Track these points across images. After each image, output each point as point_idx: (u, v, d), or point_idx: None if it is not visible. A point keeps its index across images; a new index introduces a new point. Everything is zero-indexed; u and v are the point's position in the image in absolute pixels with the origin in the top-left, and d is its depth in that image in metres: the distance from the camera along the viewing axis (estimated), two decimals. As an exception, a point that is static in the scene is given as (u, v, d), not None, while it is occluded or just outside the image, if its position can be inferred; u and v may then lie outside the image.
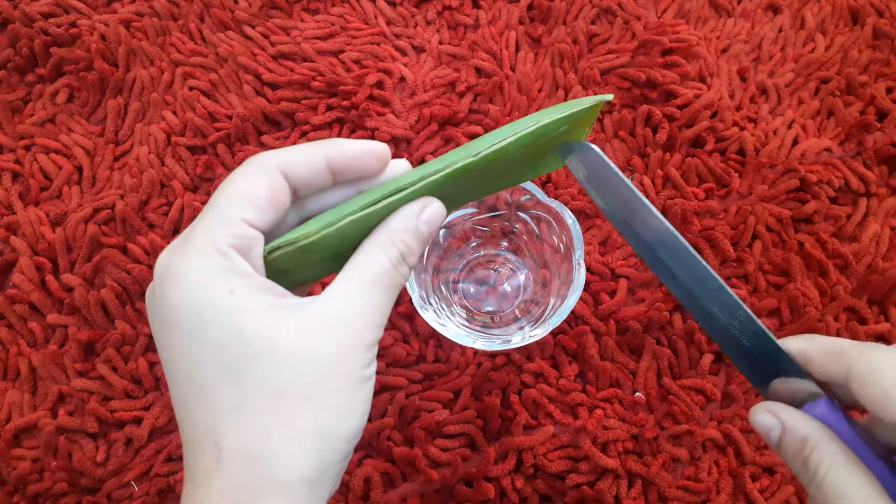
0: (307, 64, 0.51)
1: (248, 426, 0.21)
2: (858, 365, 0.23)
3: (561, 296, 0.38)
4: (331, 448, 0.21)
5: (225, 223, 0.22)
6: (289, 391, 0.21)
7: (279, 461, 0.20)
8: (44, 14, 0.53)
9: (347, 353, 0.22)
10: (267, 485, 0.20)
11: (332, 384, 0.21)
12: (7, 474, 0.39)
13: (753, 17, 0.56)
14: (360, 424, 0.22)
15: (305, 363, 0.21)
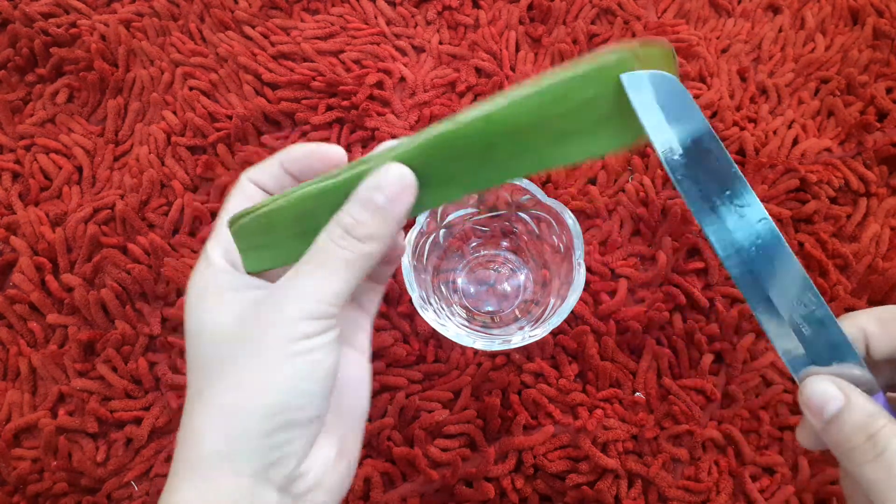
0: (307, 64, 0.51)
1: (187, 403, 0.23)
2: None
3: (561, 296, 0.38)
4: (239, 421, 0.21)
5: (217, 235, 0.25)
6: (203, 366, 0.23)
7: (194, 435, 0.22)
8: (44, 14, 0.53)
9: (267, 329, 0.22)
10: (192, 457, 0.22)
11: (243, 361, 0.22)
12: (7, 474, 0.39)
13: (753, 17, 0.56)
14: (284, 400, 0.22)
15: (211, 336, 0.23)
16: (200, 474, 0.22)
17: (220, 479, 0.21)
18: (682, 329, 0.43)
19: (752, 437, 0.41)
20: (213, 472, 0.21)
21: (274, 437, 0.22)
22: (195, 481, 0.22)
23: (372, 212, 0.22)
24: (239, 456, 0.21)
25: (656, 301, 0.43)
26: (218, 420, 0.22)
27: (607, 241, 0.46)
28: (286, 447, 0.22)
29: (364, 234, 0.22)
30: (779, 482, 0.40)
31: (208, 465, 0.21)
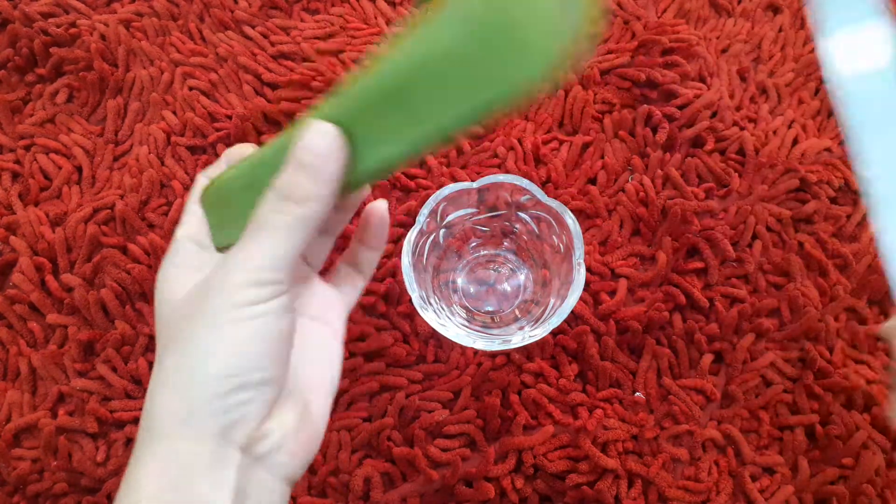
0: (307, 64, 0.51)
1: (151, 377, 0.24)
2: None
3: (561, 296, 0.38)
4: (194, 384, 0.22)
5: (183, 218, 0.27)
6: (162, 336, 0.24)
7: (153, 403, 0.23)
8: (44, 14, 0.53)
9: (215, 297, 0.23)
10: (153, 426, 0.22)
11: (194, 327, 0.23)
12: (7, 474, 0.39)
13: (753, 17, 0.56)
14: (234, 363, 0.22)
15: (170, 308, 0.24)
16: (161, 442, 0.22)
17: (181, 443, 0.22)
18: (682, 329, 0.43)
19: (752, 437, 0.41)
20: (174, 438, 0.22)
21: (229, 398, 0.22)
22: (155, 448, 0.22)
23: (304, 172, 0.22)
24: (197, 418, 0.22)
25: (656, 301, 0.43)
26: (174, 385, 0.22)
27: (607, 241, 0.46)
28: (243, 408, 0.22)
29: (300, 196, 0.22)
30: (779, 482, 0.40)
31: (168, 432, 0.22)
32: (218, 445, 0.22)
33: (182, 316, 0.24)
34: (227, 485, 0.22)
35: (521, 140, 0.49)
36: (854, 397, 0.42)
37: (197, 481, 0.22)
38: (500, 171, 0.48)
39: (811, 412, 0.42)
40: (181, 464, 0.22)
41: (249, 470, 0.23)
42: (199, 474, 0.22)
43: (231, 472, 0.22)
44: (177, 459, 0.22)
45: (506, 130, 0.50)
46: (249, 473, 0.23)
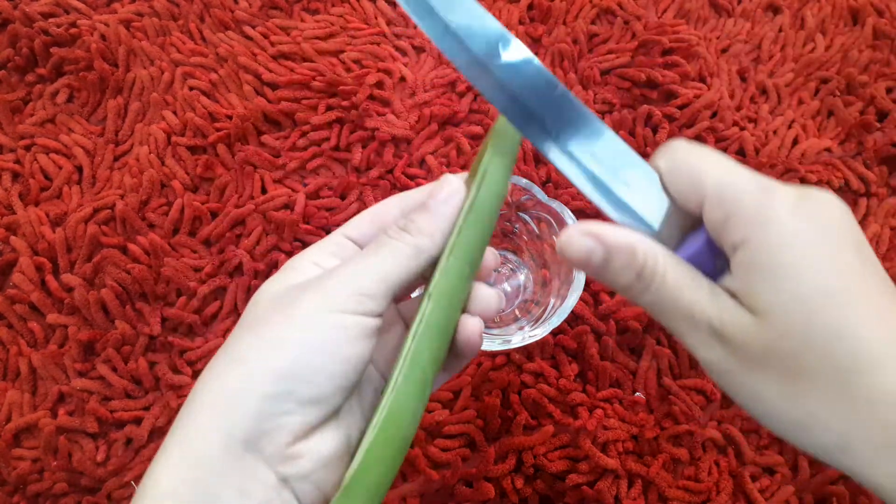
0: (307, 64, 0.51)
1: None
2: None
3: (561, 296, 0.38)
4: (245, 376, 0.22)
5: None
6: (240, 327, 0.24)
7: (200, 388, 0.23)
8: (44, 14, 0.53)
9: (307, 294, 0.23)
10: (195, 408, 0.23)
11: (272, 317, 0.23)
12: (7, 474, 0.39)
13: (753, 17, 0.56)
14: (292, 368, 0.22)
15: (266, 301, 0.25)
16: (189, 441, 0.22)
17: (208, 445, 0.21)
18: (682, 329, 0.43)
19: (752, 437, 0.41)
20: (204, 436, 0.21)
21: (273, 403, 0.21)
22: (182, 442, 0.22)
23: (422, 211, 0.25)
24: (235, 414, 0.21)
25: (656, 301, 0.43)
26: (225, 373, 0.22)
27: (607, 241, 0.46)
28: (280, 419, 0.22)
29: (414, 228, 0.25)
30: (779, 482, 0.40)
31: (203, 421, 0.22)
32: (245, 450, 0.21)
33: (267, 306, 0.24)
34: (254, 496, 0.21)
35: (521, 140, 0.49)
36: (854, 397, 0.42)
37: (219, 484, 0.21)
38: (500, 171, 0.48)
39: (811, 412, 0.42)
40: (205, 462, 0.21)
41: (276, 490, 0.22)
42: (222, 477, 0.21)
43: (260, 485, 0.21)
44: (202, 455, 0.21)
45: (506, 130, 0.50)
46: (276, 493, 0.22)
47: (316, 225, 0.46)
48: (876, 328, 0.20)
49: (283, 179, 0.48)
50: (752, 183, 0.22)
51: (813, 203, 0.22)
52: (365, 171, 0.48)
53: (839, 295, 0.20)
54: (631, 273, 0.23)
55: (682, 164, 0.24)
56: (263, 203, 0.46)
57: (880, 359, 0.20)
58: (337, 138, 0.49)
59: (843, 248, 0.21)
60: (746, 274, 0.22)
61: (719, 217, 0.22)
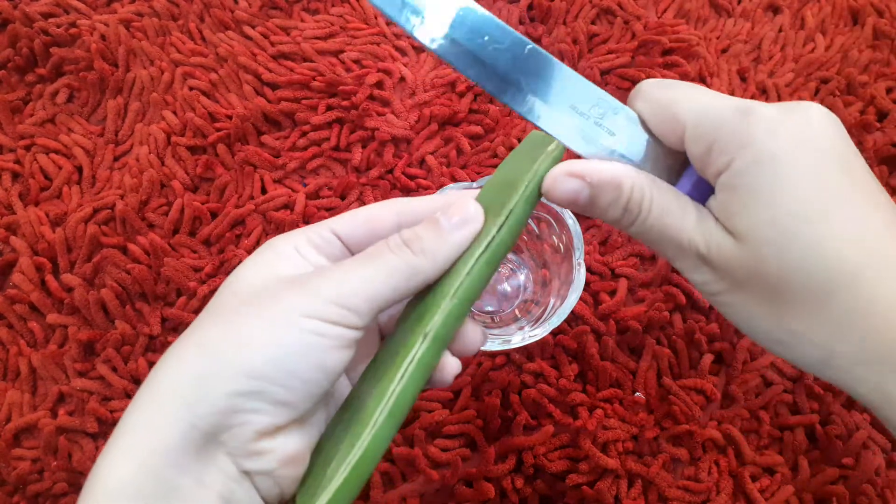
0: (307, 64, 0.51)
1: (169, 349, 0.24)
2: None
3: (561, 296, 0.38)
4: (215, 368, 0.21)
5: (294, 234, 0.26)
6: (210, 312, 0.24)
7: (162, 370, 0.22)
8: (44, 14, 0.53)
9: (289, 295, 0.22)
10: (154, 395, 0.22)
11: (248, 312, 0.22)
12: (7, 474, 0.39)
13: (753, 17, 0.56)
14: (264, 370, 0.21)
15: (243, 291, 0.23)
16: (154, 422, 0.21)
17: (169, 427, 0.20)
18: (682, 329, 0.43)
19: (752, 437, 0.41)
20: (166, 423, 0.21)
21: (242, 400, 0.21)
22: (141, 421, 0.21)
23: (432, 230, 0.23)
24: (201, 405, 0.20)
25: (656, 301, 0.43)
26: (193, 364, 0.21)
27: (607, 241, 0.46)
28: (247, 416, 0.21)
29: (418, 248, 0.23)
30: (779, 482, 0.40)
31: (166, 409, 0.21)
32: (206, 442, 0.21)
33: (244, 298, 0.22)
34: (213, 487, 0.21)
35: (521, 140, 0.49)
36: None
37: (177, 475, 0.20)
38: (500, 171, 0.48)
39: (811, 412, 0.42)
40: (163, 452, 0.20)
41: (236, 481, 0.22)
42: (180, 468, 0.20)
43: (220, 475, 0.21)
44: (160, 445, 0.20)
45: (506, 130, 0.50)
46: (236, 484, 0.22)
47: (316, 225, 0.46)
48: (854, 242, 0.20)
49: (283, 179, 0.48)
50: (730, 108, 0.22)
51: (795, 119, 0.21)
52: (365, 171, 0.48)
53: (815, 214, 0.20)
54: (618, 207, 0.23)
55: (657, 103, 0.24)
56: (263, 203, 0.46)
57: (857, 272, 0.20)
58: (337, 138, 0.49)
59: (824, 164, 0.21)
60: (726, 198, 0.22)
61: (702, 150, 0.22)
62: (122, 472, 0.20)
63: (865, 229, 0.20)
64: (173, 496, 0.20)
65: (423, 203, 0.26)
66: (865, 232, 0.20)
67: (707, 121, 0.22)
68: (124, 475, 0.20)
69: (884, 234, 0.20)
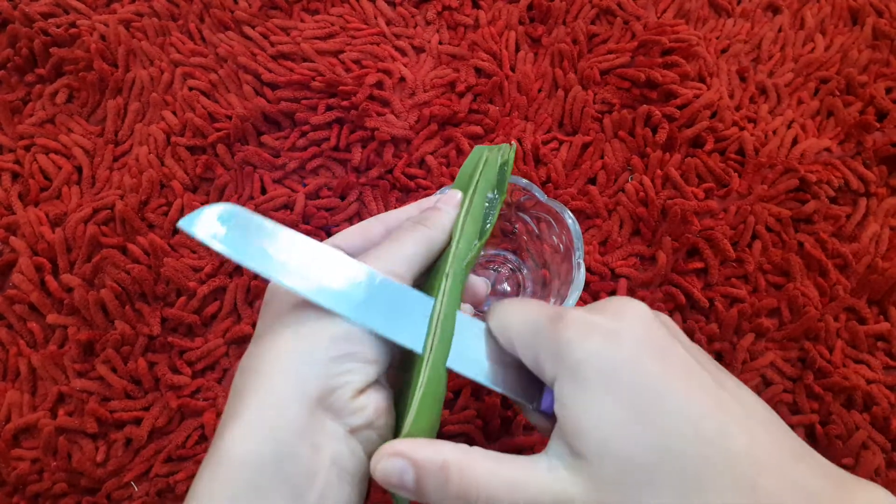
0: (307, 64, 0.51)
1: (249, 347, 0.27)
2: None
3: (561, 296, 0.38)
4: (309, 344, 0.25)
5: None
6: (278, 311, 0.27)
7: (262, 360, 0.25)
8: (44, 14, 0.53)
9: None
10: (262, 374, 0.25)
11: None
12: (7, 474, 0.39)
13: (753, 17, 0.56)
14: (347, 329, 0.25)
15: None
16: (263, 396, 0.23)
17: (284, 401, 0.23)
18: (682, 329, 0.43)
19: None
20: (280, 397, 0.23)
21: (337, 365, 0.24)
22: (256, 401, 0.23)
23: (434, 212, 0.30)
24: (307, 376, 0.23)
25: (656, 301, 0.43)
26: (290, 344, 0.24)
27: (607, 241, 0.46)
28: (346, 377, 0.24)
29: (430, 223, 0.29)
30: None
31: (274, 387, 0.23)
32: (316, 407, 0.23)
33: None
34: (326, 449, 0.23)
35: (521, 140, 0.49)
36: (854, 397, 0.42)
37: (297, 442, 0.22)
38: (499, 171, 0.48)
39: (811, 412, 0.42)
40: (283, 422, 0.22)
41: (345, 440, 0.24)
42: (300, 435, 0.22)
43: (329, 438, 0.23)
44: (279, 416, 0.23)
45: (506, 130, 0.50)
46: (345, 444, 0.24)
47: (316, 225, 0.46)
48: (681, 437, 0.20)
49: (282, 179, 0.48)
50: (544, 318, 0.23)
51: (600, 322, 0.22)
52: (365, 171, 0.48)
53: (634, 414, 0.20)
54: (447, 494, 0.22)
55: (496, 325, 0.26)
56: (263, 203, 0.46)
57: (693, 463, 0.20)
58: (337, 138, 0.49)
59: (635, 363, 0.21)
60: (560, 415, 0.22)
61: (532, 364, 0.24)
62: (246, 445, 0.22)
63: (693, 422, 0.20)
64: (293, 462, 0.22)
65: (402, 211, 0.32)
66: (696, 423, 0.20)
67: (527, 336, 0.24)
68: (249, 447, 0.22)
69: (713, 415, 0.20)
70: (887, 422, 0.41)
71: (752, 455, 0.20)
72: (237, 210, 0.25)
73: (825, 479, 0.20)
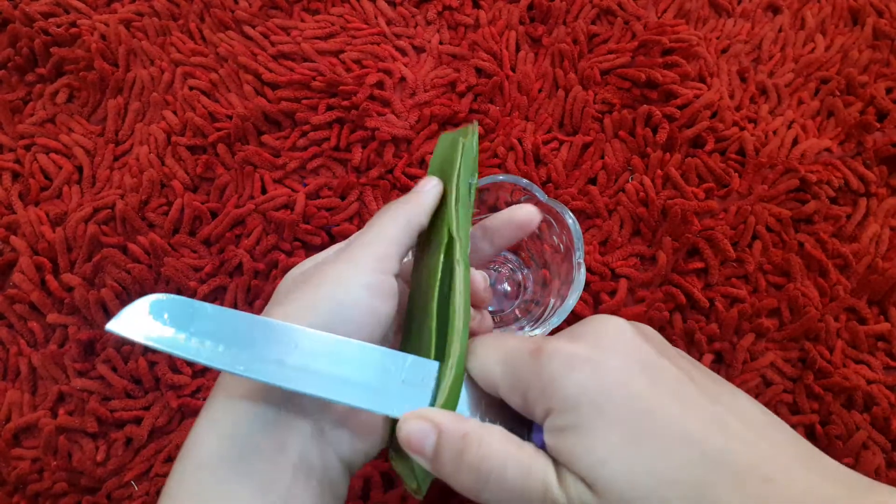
0: (307, 64, 0.51)
1: None
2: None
3: (561, 296, 0.38)
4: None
5: None
6: (274, 300, 0.28)
7: None
8: (44, 14, 0.53)
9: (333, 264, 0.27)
10: None
11: (303, 287, 0.26)
12: (7, 474, 0.39)
13: (753, 17, 0.56)
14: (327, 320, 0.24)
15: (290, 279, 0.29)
16: (235, 395, 0.23)
17: (252, 397, 0.23)
18: (682, 329, 0.43)
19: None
20: (245, 394, 0.23)
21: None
22: (225, 400, 0.23)
23: (412, 193, 0.30)
24: None
25: (656, 301, 0.43)
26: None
27: (607, 241, 0.46)
28: None
29: (405, 199, 0.29)
30: (779, 482, 0.40)
31: (241, 387, 0.23)
32: (283, 404, 0.23)
33: (299, 280, 0.26)
34: (292, 448, 0.23)
35: (521, 140, 0.49)
36: (854, 397, 0.42)
37: (262, 440, 0.22)
38: (500, 171, 0.48)
39: (811, 412, 0.42)
40: (248, 421, 0.22)
41: (313, 440, 0.24)
42: (264, 433, 0.22)
43: (296, 437, 0.23)
44: (245, 414, 0.23)
45: (506, 130, 0.50)
46: (313, 444, 0.24)
47: (316, 225, 0.46)
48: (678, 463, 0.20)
49: (283, 179, 0.48)
50: (523, 354, 0.23)
51: (581, 351, 0.22)
52: (365, 171, 0.48)
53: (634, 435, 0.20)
54: (465, 462, 0.22)
55: (477, 372, 0.25)
56: (263, 203, 0.46)
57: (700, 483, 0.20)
58: (337, 138, 0.49)
59: (626, 388, 0.21)
60: (557, 448, 0.22)
61: (519, 404, 0.23)
62: (211, 443, 0.22)
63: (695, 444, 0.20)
64: (258, 460, 0.22)
65: None
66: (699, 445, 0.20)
67: (511, 377, 0.23)
68: (210, 445, 0.22)
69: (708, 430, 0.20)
70: (887, 422, 0.41)
71: (759, 469, 0.20)
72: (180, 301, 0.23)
73: (837, 484, 0.20)
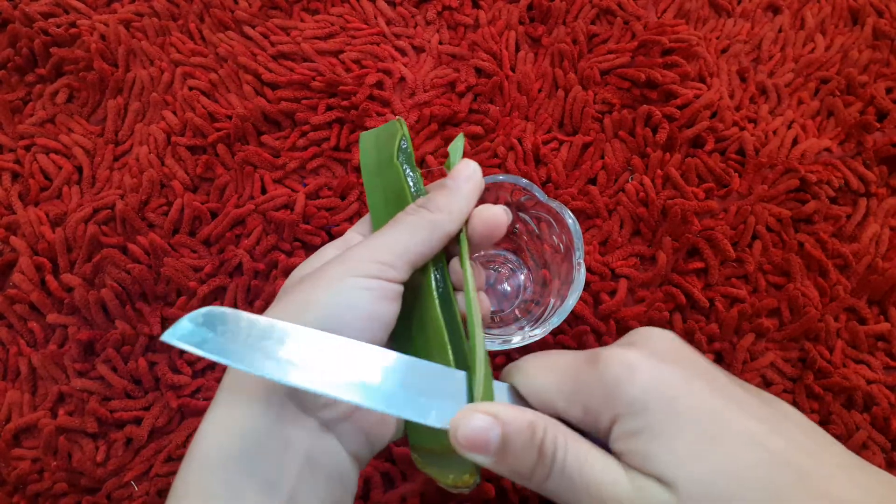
0: (307, 64, 0.51)
1: None
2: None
3: (561, 296, 0.38)
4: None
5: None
6: (276, 301, 0.27)
7: None
8: (44, 14, 0.53)
9: (335, 265, 0.26)
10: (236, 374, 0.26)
11: (302, 286, 0.26)
12: (7, 474, 0.39)
13: (753, 17, 0.56)
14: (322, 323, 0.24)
15: (295, 279, 0.28)
16: (239, 395, 0.23)
17: (255, 396, 0.23)
18: (682, 329, 0.43)
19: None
20: (249, 394, 0.23)
21: None
22: (230, 399, 0.23)
23: (441, 191, 0.27)
24: None
25: (656, 301, 0.43)
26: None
27: (607, 241, 0.46)
28: None
29: (433, 206, 0.27)
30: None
31: (246, 382, 0.23)
32: (287, 402, 0.23)
33: (300, 279, 0.26)
34: (298, 444, 0.23)
35: (521, 140, 0.49)
36: (854, 397, 0.42)
37: (267, 437, 0.22)
38: (500, 171, 0.48)
39: (811, 412, 0.42)
40: (252, 418, 0.22)
41: (319, 436, 0.24)
42: (269, 431, 0.22)
43: (301, 433, 0.23)
44: (248, 412, 0.23)
45: (506, 130, 0.50)
46: (319, 439, 0.23)
47: (316, 225, 0.46)
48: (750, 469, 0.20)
49: (283, 179, 0.48)
50: (580, 365, 0.23)
51: (639, 355, 0.22)
52: (365, 171, 0.48)
53: (711, 438, 0.21)
54: (531, 453, 0.21)
55: (528, 390, 0.25)
56: (263, 203, 0.46)
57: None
58: (337, 138, 0.49)
59: (690, 388, 0.21)
60: (632, 447, 0.21)
61: (580, 414, 0.23)
62: (217, 442, 0.22)
63: (760, 443, 0.21)
64: (264, 457, 0.22)
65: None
66: (764, 444, 0.20)
67: (568, 390, 0.23)
68: (216, 444, 0.22)
69: (766, 439, 0.21)
70: (887, 422, 0.41)
71: (818, 468, 0.20)
72: (221, 312, 0.22)
73: (885, 485, 0.21)
